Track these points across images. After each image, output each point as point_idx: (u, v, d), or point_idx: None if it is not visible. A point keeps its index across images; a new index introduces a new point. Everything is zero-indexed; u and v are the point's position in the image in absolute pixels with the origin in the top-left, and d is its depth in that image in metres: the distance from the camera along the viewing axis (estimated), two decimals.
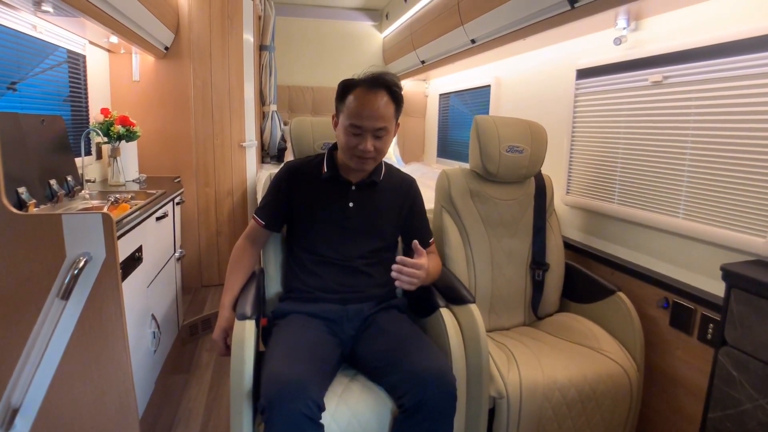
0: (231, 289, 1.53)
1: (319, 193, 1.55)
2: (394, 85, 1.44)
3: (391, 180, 1.62)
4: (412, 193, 1.65)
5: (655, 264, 1.76)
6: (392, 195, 1.60)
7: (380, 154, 1.46)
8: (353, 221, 1.53)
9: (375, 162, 1.49)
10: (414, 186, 1.67)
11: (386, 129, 1.43)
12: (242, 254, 1.58)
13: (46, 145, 1.90)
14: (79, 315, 1.43)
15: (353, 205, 1.53)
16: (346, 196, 1.54)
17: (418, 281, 1.38)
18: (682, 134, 1.63)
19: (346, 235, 1.53)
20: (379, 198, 1.57)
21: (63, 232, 1.37)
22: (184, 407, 2.05)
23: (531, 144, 1.86)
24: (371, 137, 1.41)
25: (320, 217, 1.53)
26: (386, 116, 1.41)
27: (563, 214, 2.21)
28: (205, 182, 3.15)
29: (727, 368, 1.35)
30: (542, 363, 1.56)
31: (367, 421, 1.29)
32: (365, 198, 1.55)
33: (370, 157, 1.44)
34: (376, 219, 1.56)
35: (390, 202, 1.59)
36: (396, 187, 1.62)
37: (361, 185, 1.55)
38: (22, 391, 1.40)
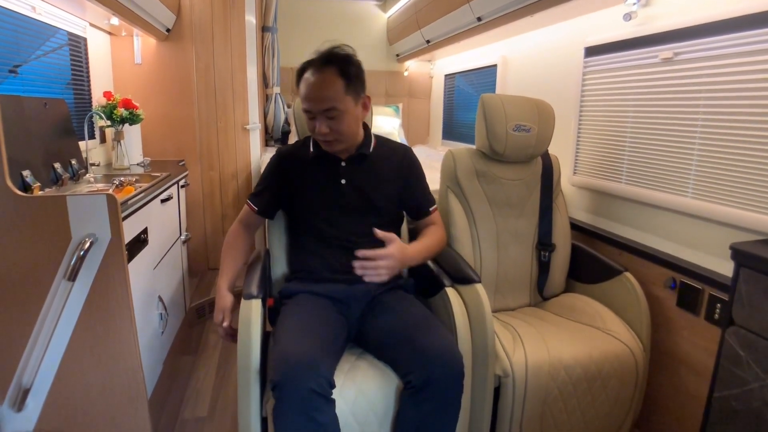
0: (226, 273, 1.53)
1: (311, 174, 1.54)
2: (344, 59, 1.40)
3: (384, 151, 1.58)
4: (407, 161, 1.60)
5: (663, 244, 1.74)
6: (386, 166, 1.56)
7: (341, 134, 1.43)
8: (348, 198, 1.51)
9: (341, 143, 1.46)
10: (409, 153, 1.63)
11: (336, 108, 1.38)
12: (236, 239, 1.58)
13: (49, 128, 1.89)
14: (87, 296, 1.44)
15: (345, 182, 1.51)
16: (338, 174, 1.52)
17: (386, 271, 1.35)
18: (692, 112, 1.61)
19: (343, 213, 1.51)
20: (371, 171, 1.54)
21: (68, 213, 1.38)
22: (192, 388, 2.07)
23: (538, 123, 1.83)
24: (324, 119, 1.39)
25: (315, 198, 1.52)
26: (332, 96, 1.37)
27: (570, 194, 2.19)
28: (209, 165, 3.14)
29: (734, 348, 1.34)
30: (548, 342, 1.56)
31: (374, 398, 1.30)
32: (357, 173, 1.53)
33: (330, 140, 1.42)
34: (371, 193, 1.52)
35: (384, 173, 1.55)
36: (389, 157, 1.58)
37: (351, 160, 1.52)
38: (33, 371, 1.41)
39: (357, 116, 1.46)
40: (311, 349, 1.22)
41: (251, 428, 1.30)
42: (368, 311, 1.47)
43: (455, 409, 1.27)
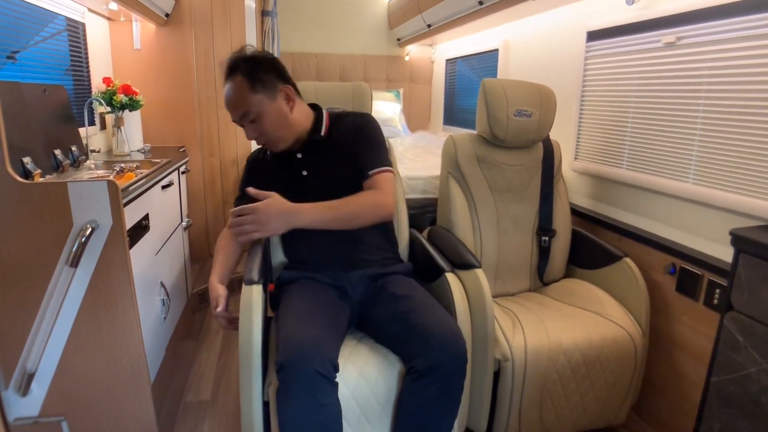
0: (217, 270, 1.51)
1: (274, 174, 1.55)
2: (246, 61, 1.40)
3: (341, 127, 1.53)
4: (357, 127, 1.52)
5: (663, 230, 1.75)
6: (343, 144, 1.50)
7: (268, 134, 1.43)
8: (313, 188, 1.49)
9: (276, 142, 1.46)
10: (360, 120, 1.54)
11: (250, 112, 1.39)
12: (226, 242, 1.57)
13: (49, 114, 1.89)
14: (89, 282, 1.44)
15: (307, 173, 1.51)
16: (297, 167, 1.51)
17: (252, 227, 1.31)
18: (694, 97, 1.60)
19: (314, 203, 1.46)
20: (329, 153, 1.50)
21: (69, 200, 1.38)
22: (194, 372, 2.09)
23: (540, 108, 1.83)
24: (248, 125, 1.42)
25: (284, 196, 1.50)
26: (242, 101, 1.38)
27: (571, 179, 2.19)
28: (210, 152, 3.13)
29: (733, 333, 1.35)
30: (547, 327, 1.57)
31: (375, 381, 1.31)
32: (315, 160, 1.51)
33: (263, 142, 1.45)
34: (334, 176, 1.48)
35: (342, 153, 1.49)
36: (346, 134, 1.51)
37: (306, 150, 1.51)
38: (37, 356, 1.43)
39: (280, 111, 1.43)
40: (315, 332, 1.23)
41: (253, 411, 1.31)
42: (370, 296, 1.48)
43: (458, 394, 1.28)
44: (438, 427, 1.28)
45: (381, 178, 1.44)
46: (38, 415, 1.50)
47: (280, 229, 1.32)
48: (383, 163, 1.47)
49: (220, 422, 1.77)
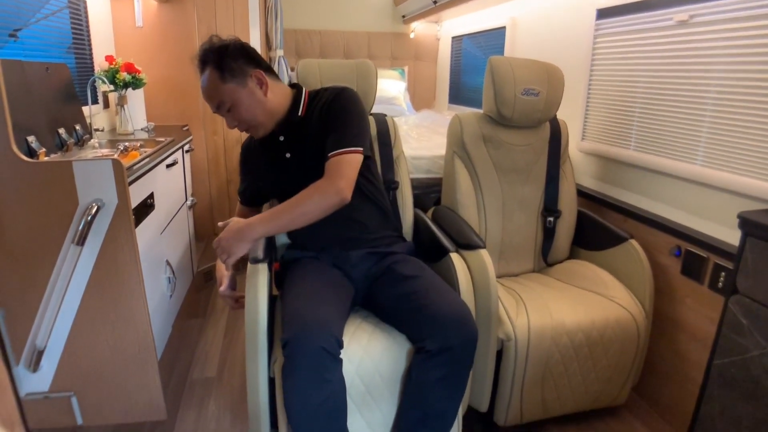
0: None
1: (263, 160, 1.57)
2: (213, 52, 1.40)
3: (317, 106, 1.49)
4: (333, 102, 1.46)
5: (670, 212, 1.74)
6: (319, 120, 1.47)
7: (247, 122, 1.45)
8: (299, 170, 1.50)
9: (255, 129, 1.48)
10: (336, 94, 1.48)
11: (223, 102, 1.41)
12: None
13: (52, 93, 1.88)
14: (95, 260, 1.46)
15: (290, 155, 1.51)
16: (281, 150, 1.52)
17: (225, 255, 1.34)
18: (706, 77, 1.57)
19: (300, 186, 1.41)
20: (307, 134, 1.48)
21: (74, 179, 1.38)
22: (201, 350, 2.11)
23: (547, 87, 1.80)
24: (226, 115, 1.44)
25: (273, 181, 1.55)
26: (214, 93, 1.40)
27: (577, 160, 2.17)
28: (213, 130, 3.12)
29: (737, 316, 1.35)
30: (551, 308, 1.57)
31: (379, 359, 1.32)
32: (296, 142, 1.51)
33: (243, 129, 1.47)
34: (315, 156, 1.44)
35: (318, 132, 1.45)
36: (320, 111, 1.48)
37: (287, 132, 1.51)
38: (46, 333, 1.45)
39: (254, 96, 1.42)
40: (320, 310, 1.24)
41: (259, 388, 1.33)
42: (375, 276, 1.48)
43: (466, 374, 1.29)
44: (445, 407, 1.29)
45: (337, 162, 1.36)
46: (48, 391, 1.53)
47: (244, 247, 1.34)
48: (345, 143, 1.38)
49: (225, 398, 1.80)
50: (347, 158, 1.37)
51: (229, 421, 1.69)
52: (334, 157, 1.37)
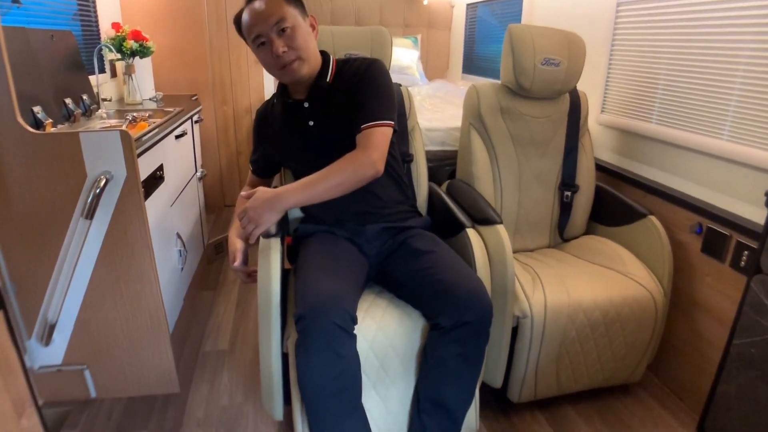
0: (236, 226, 1.48)
1: (283, 126, 1.49)
2: None
3: (346, 76, 1.43)
4: (363, 73, 1.40)
5: (691, 188, 1.68)
6: (348, 90, 1.40)
7: (300, 50, 1.32)
8: (320, 140, 1.43)
9: (304, 63, 1.35)
10: (369, 65, 1.42)
11: (285, 20, 1.29)
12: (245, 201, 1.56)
13: (57, 62, 1.84)
14: (105, 234, 1.44)
15: (313, 123, 1.44)
16: (304, 117, 1.44)
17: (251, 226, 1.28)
18: (736, 47, 1.49)
19: (321, 155, 1.40)
20: (334, 102, 1.41)
21: (82, 150, 1.36)
22: (213, 322, 2.12)
23: (568, 57, 1.73)
24: (276, 38, 1.30)
25: (292, 150, 1.48)
26: (277, 9, 1.28)
27: (597, 133, 2.11)
28: (223, 100, 3.07)
29: (759, 296, 1.32)
30: (568, 285, 1.54)
31: (393, 334, 1.31)
32: (321, 110, 1.43)
33: (291, 60, 1.32)
34: (339, 127, 1.40)
35: (345, 102, 1.39)
36: (350, 81, 1.41)
37: (312, 98, 1.43)
38: (57, 307, 1.45)
39: (309, 32, 1.37)
40: (334, 285, 1.22)
41: (273, 364, 1.33)
42: (390, 251, 1.46)
43: (481, 351, 1.28)
44: (463, 384, 1.28)
45: (369, 134, 1.32)
46: (61, 364, 1.54)
47: (272, 217, 1.28)
48: (378, 116, 1.34)
49: (238, 371, 1.81)
50: (380, 130, 1.34)
51: (242, 394, 1.70)
52: (366, 129, 1.33)
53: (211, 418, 1.59)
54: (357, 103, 1.36)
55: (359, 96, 1.37)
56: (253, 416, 1.60)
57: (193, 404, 1.65)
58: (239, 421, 1.59)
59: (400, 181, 1.55)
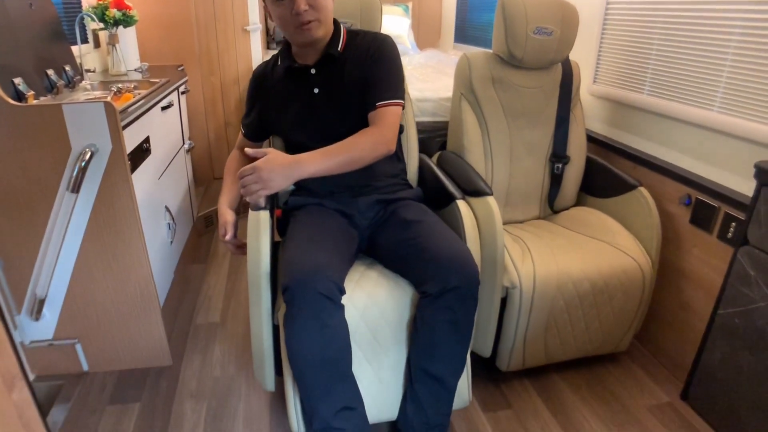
0: (226, 194, 1.48)
1: (284, 90, 1.45)
2: None
3: (358, 47, 1.42)
4: (377, 49, 1.41)
5: (682, 160, 1.68)
6: (360, 63, 1.40)
7: (321, 12, 1.30)
8: (324, 108, 1.42)
9: (321, 25, 1.32)
10: (383, 42, 1.42)
11: None
12: (235, 164, 1.54)
13: (37, 31, 1.78)
14: (92, 207, 1.43)
15: (319, 91, 1.42)
16: (309, 83, 1.42)
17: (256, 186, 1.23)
18: (730, 17, 1.47)
19: (323, 124, 1.42)
20: (343, 73, 1.40)
21: (66, 123, 1.33)
22: (203, 295, 2.12)
23: (561, 26, 1.70)
24: None
25: (292, 114, 1.45)
26: None
27: (588, 104, 2.09)
28: (210, 70, 3.01)
29: (745, 267, 1.34)
30: (557, 256, 1.56)
31: (384, 304, 1.31)
32: (329, 78, 1.41)
33: (310, 20, 1.29)
34: (346, 97, 1.40)
35: (358, 72, 1.40)
36: (361, 54, 1.41)
37: (321, 66, 1.41)
38: (46, 282, 1.44)
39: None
40: (320, 256, 1.22)
41: (263, 336, 1.34)
42: (380, 222, 1.46)
43: (470, 317, 1.28)
44: (454, 351, 1.29)
45: (385, 112, 1.35)
46: (53, 338, 1.54)
47: (283, 183, 1.26)
48: (393, 95, 1.37)
49: (230, 343, 1.82)
50: (393, 109, 1.36)
51: (234, 366, 1.71)
52: (381, 108, 1.35)
53: (204, 390, 1.61)
54: (371, 80, 1.37)
55: (374, 72, 1.38)
56: (246, 387, 1.62)
57: (185, 376, 1.66)
58: (232, 392, 1.61)
59: (396, 153, 1.55)
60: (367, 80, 1.38)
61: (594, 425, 1.51)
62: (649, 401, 1.60)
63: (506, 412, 1.56)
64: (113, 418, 1.49)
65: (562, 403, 1.59)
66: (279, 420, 1.50)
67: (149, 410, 1.52)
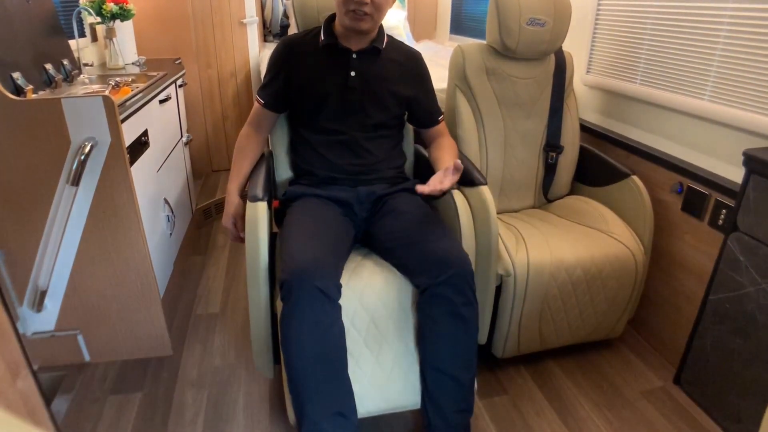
0: (236, 177, 1.52)
1: (318, 64, 1.47)
2: None
3: (396, 51, 1.54)
4: (419, 67, 1.58)
5: (674, 148, 1.70)
6: (397, 66, 1.52)
7: (378, 11, 1.36)
8: (356, 92, 1.46)
9: (372, 21, 1.38)
10: (421, 60, 1.59)
11: None
12: (247, 141, 1.55)
13: (35, 26, 1.79)
14: (92, 200, 1.45)
15: (355, 75, 1.46)
16: (347, 65, 1.46)
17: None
18: (720, 7, 1.49)
19: (350, 108, 1.46)
20: (383, 68, 1.49)
21: (65, 117, 1.34)
22: (203, 287, 2.15)
23: (554, 17, 1.72)
24: None
25: (321, 89, 1.46)
26: None
27: (582, 94, 2.11)
28: (207, 63, 3.02)
29: (735, 253, 1.36)
30: (550, 244, 1.58)
31: (381, 289, 1.32)
32: (368, 67, 1.47)
33: (367, 12, 1.35)
34: (380, 89, 1.48)
35: (395, 73, 1.51)
36: (401, 60, 1.54)
37: (363, 53, 1.46)
38: (47, 274, 1.46)
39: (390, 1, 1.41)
40: (319, 251, 1.23)
41: (262, 325, 1.36)
42: (375, 213, 1.48)
43: (471, 307, 1.27)
44: (458, 343, 1.28)
45: (444, 125, 1.66)
46: (54, 329, 1.57)
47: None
48: (440, 110, 1.64)
49: (230, 334, 1.85)
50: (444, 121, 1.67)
51: (234, 355, 1.74)
52: (442, 122, 1.65)
53: (205, 378, 1.64)
54: (425, 100, 1.59)
55: (425, 93, 1.59)
56: (246, 376, 1.65)
57: (186, 365, 1.69)
58: (232, 379, 1.63)
59: (397, 143, 1.59)
60: (418, 99, 1.57)
61: (588, 410, 1.54)
62: (643, 386, 1.63)
63: (502, 397, 1.59)
64: (115, 408, 1.51)
65: (557, 388, 1.62)
66: (279, 407, 1.53)
67: (151, 399, 1.55)
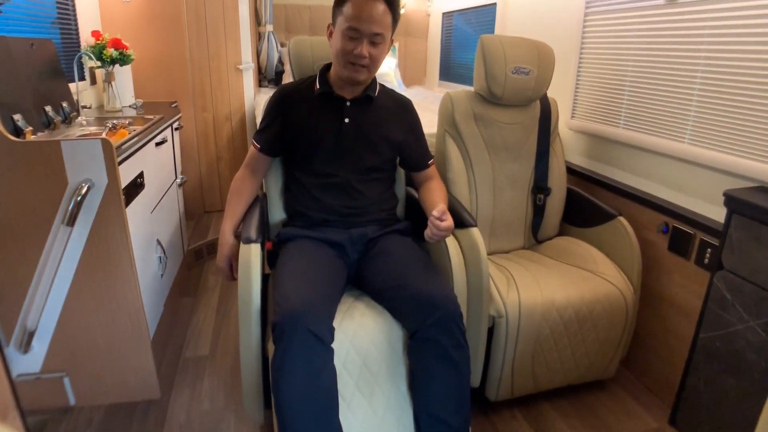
0: (231, 217, 1.54)
1: (313, 111, 1.53)
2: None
3: (387, 98, 1.60)
4: (409, 113, 1.64)
5: (658, 189, 1.76)
6: (389, 113, 1.58)
7: (374, 64, 1.44)
8: (350, 137, 1.51)
9: (368, 73, 1.45)
10: (411, 106, 1.66)
11: (383, 36, 1.40)
12: (242, 184, 1.58)
13: (37, 70, 1.84)
14: (86, 240, 1.45)
15: (349, 121, 1.51)
16: (341, 113, 1.51)
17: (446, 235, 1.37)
18: (694, 56, 1.57)
19: (343, 152, 1.51)
20: (375, 114, 1.55)
21: (63, 158, 1.37)
22: (193, 328, 2.12)
23: (538, 65, 1.80)
24: (367, 42, 1.39)
25: (316, 135, 1.51)
26: (384, 23, 1.39)
27: (567, 138, 2.18)
28: (203, 107, 3.08)
29: (722, 291, 1.38)
30: (541, 285, 1.60)
31: (373, 331, 1.33)
32: (361, 114, 1.53)
33: (365, 65, 1.42)
34: (373, 134, 1.53)
35: (387, 119, 1.57)
36: (392, 106, 1.60)
37: (356, 101, 1.52)
38: (36, 314, 1.45)
39: (387, 51, 1.48)
40: (311, 294, 1.24)
41: (253, 368, 1.34)
42: (366, 254, 1.49)
43: (461, 350, 1.28)
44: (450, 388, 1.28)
45: (434, 167, 1.69)
46: (40, 372, 1.53)
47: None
48: (430, 155, 1.68)
49: (219, 377, 1.82)
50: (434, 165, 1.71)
51: (223, 399, 1.71)
52: (432, 165, 1.68)
53: (193, 423, 1.60)
54: (416, 145, 1.64)
55: (416, 139, 1.64)
56: (235, 420, 1.62)
57: (174, 409, 1.66)
58: (221, 424, 1.60)
59: (389, 186, 1.63)
60: (409, 143, 1.61)
61: None
62: (639, 427, 1.62)
63: None
64: None
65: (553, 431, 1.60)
66: None
67: None
